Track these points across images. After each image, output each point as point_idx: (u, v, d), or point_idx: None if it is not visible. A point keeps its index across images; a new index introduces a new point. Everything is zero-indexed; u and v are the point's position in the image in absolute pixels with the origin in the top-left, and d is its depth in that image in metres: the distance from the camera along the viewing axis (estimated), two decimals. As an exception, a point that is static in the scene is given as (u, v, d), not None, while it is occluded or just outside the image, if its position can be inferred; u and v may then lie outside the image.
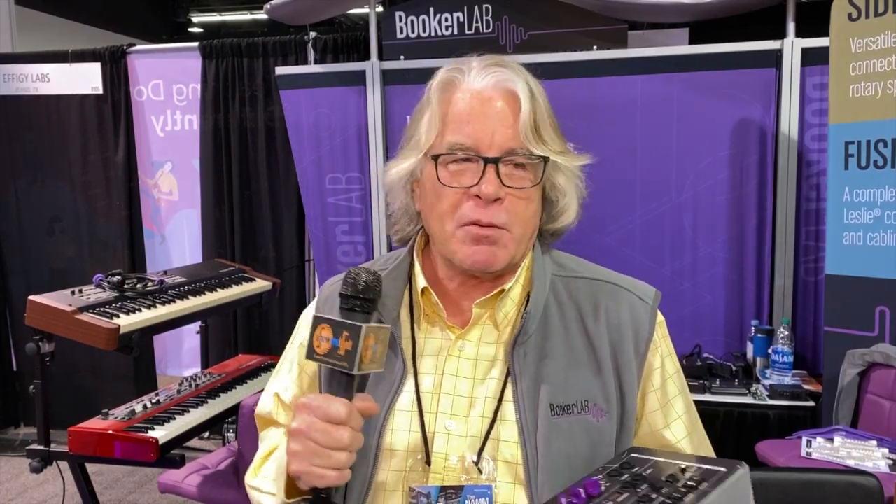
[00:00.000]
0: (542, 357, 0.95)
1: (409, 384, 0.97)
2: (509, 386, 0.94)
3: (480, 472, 0.92)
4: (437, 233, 0.98)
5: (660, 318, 1.02)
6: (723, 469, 0.81)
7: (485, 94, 0.94)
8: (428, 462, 0.93)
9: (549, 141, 0.95)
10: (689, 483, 0.78)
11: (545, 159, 0.94)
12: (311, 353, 0.85)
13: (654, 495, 0.76)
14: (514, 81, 0.94)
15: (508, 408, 0.93)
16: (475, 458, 0.92)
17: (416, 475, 0.93)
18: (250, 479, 1.04)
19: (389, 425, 0.95)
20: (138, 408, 2.64)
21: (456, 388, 0.96)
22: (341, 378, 0.84)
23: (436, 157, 0.95)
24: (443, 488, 0.91)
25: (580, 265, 1.06)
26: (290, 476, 0.88)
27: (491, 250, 0.94)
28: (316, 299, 1.09)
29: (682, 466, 0.82)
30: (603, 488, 0.81)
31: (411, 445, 0.94)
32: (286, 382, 1.08)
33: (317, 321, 0.85)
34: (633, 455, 0.89)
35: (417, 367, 0.98)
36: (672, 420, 1.00)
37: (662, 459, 0.86)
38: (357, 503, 0.94)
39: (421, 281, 1.01)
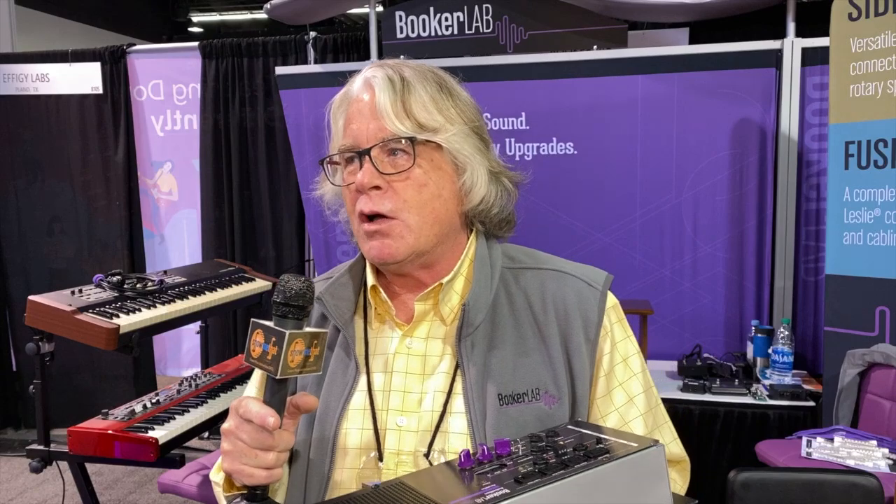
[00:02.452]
0: (490, 348, 0.96)
1: (362, 383, 0.99)
2: (458, 379, 0.96)
3: (431, 464, 0.93)
4: (355, 234, 1.01)
5: (611, 301, 1.02)
6: (635, 445, 0.80)
7: (358, 95, 0.98)
8: (380, 458, 0.95)
9: (423, 121, 0.95)
10: (591, 452, 0.78)
11: (412, 139, 0.94)
12: (247, 357, 0.88)
13: (552, 460, 0.77)
14: (375, 76, 0.97)
15: (458, 400, 0.95)
16: (426, 452, 0.94)
17: (369, 472, 0.96)
18: (213, 475, 1.06)
19: (344, 424, 0.97)
20: (138, 408, 2.63)
21: (406, 385, 0.98)
22: (270, 382, 0.87)
23: (322, 161, 1.01)
24: None
25: (530, 256, 1.06)
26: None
27: (384, 243, 0.95)
28: None
29: (599, 439, 0.83)
30: (512, 450, 0.82)
31: (364, 443, 0.96)
32: (251, 389, 1.13)
33: (254, 326, 0.87)
34: (568, 426, 0.90)
35: (370, 367, 1.00)
36: (621, 403, 1.00)
37: (590, 432, 0.86)
38: (315, 501, 0.96)
39: (370, 279, 1.03)
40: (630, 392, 1.00)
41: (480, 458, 0.81)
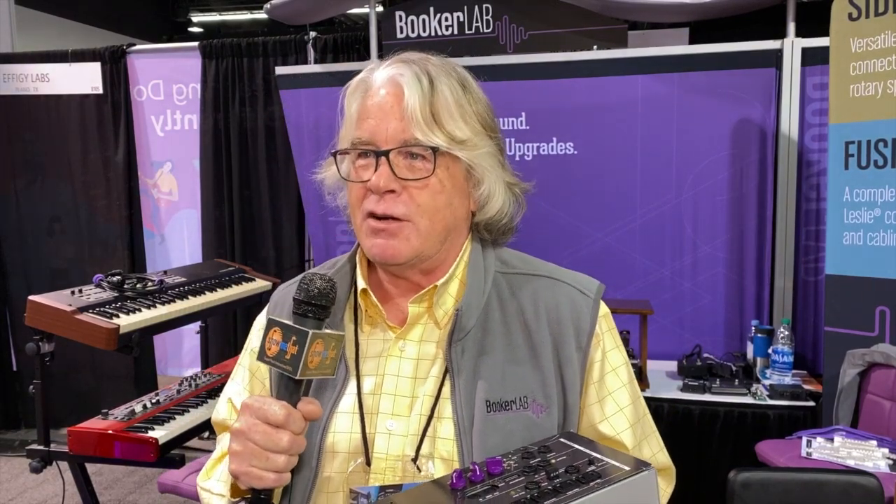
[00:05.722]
0: (480, 353, 0.95)
1: (352, 386, 0.98)
2: (447, 383, 0.95)
3: (419, 469, 0.92)
4: (354, 227, 1.00)
5: (603, 310, 1.02)
6: (626, 468, 0.80)
7: (381, 89, 0.95)
8: (368, 463, 0.94)
9: (451, 130, 0.93)
10: (583, 477, 0.78)
11: (434, 149, 0.93)
12: (261, 355, 0.86)
13: (544, 484, 0.76)
14: (402, 74, 0.94)
15: (446, 405, 0.94)
16: (414, 457, 0.93)
17: (357, 476, 0.94)
18: (202, 480, 1.05)
19: (332, 427, 0.96)
20: (138, 408, 2.63)
21: (397, 388, 0.97)
22: (287, 382, 0.85)
23: (335, 154, 0.99)
24: (382, 487, 0.91)
25: (524, 262, 1.05)
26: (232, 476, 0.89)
27: (389, 243, 0.94)
28: (269, 303, 1.10)
29: (591, 459, 0.82)
30: (504, 468, 0.81)
31: (352, 447, 0.95)
32: (238, 388, 1.09)
33: (270, 324, 0.85)
34: (560, 440, 0.89)
35: (360, 370, 0.98)
36: (611, 413, 0.99)
37: (582, 449, 0.85)
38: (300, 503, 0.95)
39: (360, 282, 1.02)
40: (619, 403, 0.99)
41: (472, 478, 0.80)
